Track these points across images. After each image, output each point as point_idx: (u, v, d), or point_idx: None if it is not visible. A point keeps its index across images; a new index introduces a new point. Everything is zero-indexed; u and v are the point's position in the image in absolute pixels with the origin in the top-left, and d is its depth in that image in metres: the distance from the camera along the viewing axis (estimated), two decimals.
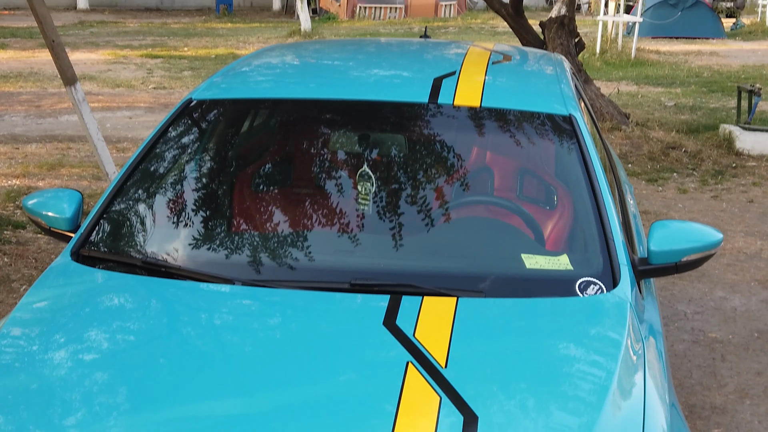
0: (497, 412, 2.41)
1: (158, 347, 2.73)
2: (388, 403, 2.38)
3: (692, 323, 5.62)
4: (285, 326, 2.84)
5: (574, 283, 2.94)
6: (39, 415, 2.43)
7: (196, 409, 2.41)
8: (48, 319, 2.92)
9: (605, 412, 2.42)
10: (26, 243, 6.45)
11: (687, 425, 2.81)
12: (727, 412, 4.58)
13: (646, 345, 2.83)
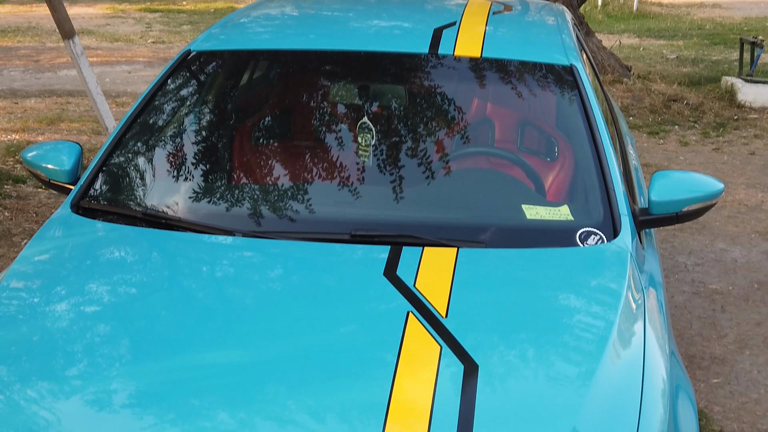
0: (497, 361, 2.42)
1: (160, 299, 2.74)
2: (389, 352, 2.39)
3: (692, 275, 5.63)
4: (286, 277, 2.84)
5: (575, 234, 2.94)
6: (41, 366, 2.44)
7: (197, 359, 2.42)
8: (49, 271, 2.92)
9: (605, 361, 2.42)
10: (27, 197, 6.45)
11: (687, 374, 2.82)
12: (726, 362, 4.60)
13: (647, 295, 2.83)
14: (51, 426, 2.25)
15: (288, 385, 2.32)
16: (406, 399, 2.26)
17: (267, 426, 2.22)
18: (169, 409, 2.26)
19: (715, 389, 4.36)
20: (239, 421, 2.23)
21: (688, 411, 2.58)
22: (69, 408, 2.29)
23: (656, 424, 2.30)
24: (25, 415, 2.27)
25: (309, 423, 2.23)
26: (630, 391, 2.36)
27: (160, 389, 2.33)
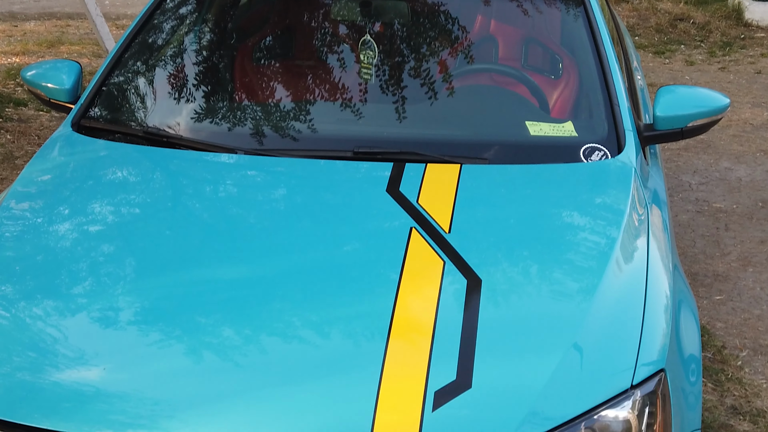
0: (500, 276, 2.42)
1: (163, 217, 2.74)
2: (392, 269, 2.39)
3: (697, 194, 5.62)
4: (289, 195, 2.83)
5: (579, 149, 2.92)
6: (46, 285, 2.44)
7: (202, 276, 2.43)
8: (51, 190, 2.91)
9: (607, 276, 2.42)
10: (28, 120, 6.42)
11: (690, 290, 2.83)
12: (729, 280, 4.61)
13: (650, 211, 2.82)
14: (57, 342, 2.26)
15: (292, 301, 2.33)
16: (409, 315, 2.27)
17: (271, 342, 2.22)
18: (175, 326, 2.27)
19: (717, 306, 4.38)
20: (244, 338, 2.24)
21: (691, 326, 2.59)
22: (75, 325, 2.30)
23: (659, 338, 2.30)
24: (32, 332, 2.28)
25: (313, 339, 2.24)
26: (632, 306, 2.36)
27: (165, 307, 2.34)
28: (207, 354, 2.19)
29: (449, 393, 2.05)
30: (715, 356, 3.98)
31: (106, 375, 2.15)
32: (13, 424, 2.05)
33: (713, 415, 3.56)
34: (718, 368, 3.90)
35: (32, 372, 2.17)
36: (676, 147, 6.25)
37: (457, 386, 2.06)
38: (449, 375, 2.08)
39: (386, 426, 1.99)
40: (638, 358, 2.21)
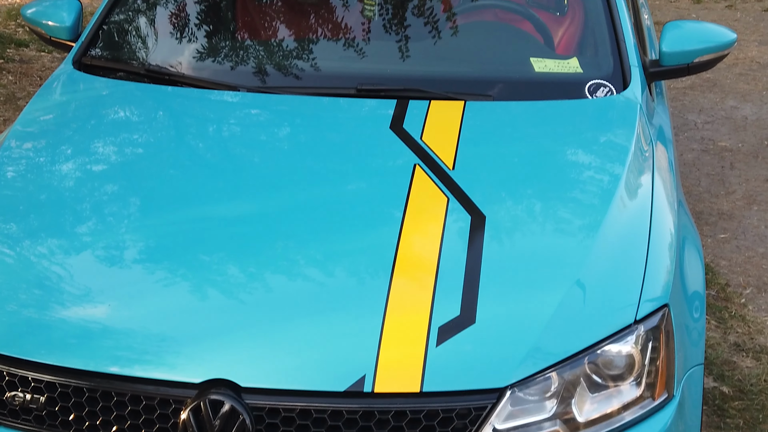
0: (504, 213, 2.42)
1: (166, 156, 2.73)
2: (396, 206, 2.38)
3: (702, 132, 5.60)
4: (292, 132, 2.82)
5: (584, 86, 2.90)
6: (50, 224, 2.44)
7: (206, 215, 2.42)
8: (53, 130, 2.90)
9: (611, 213, 2.42)
10: (30, 61, 6.38)
11: (695, 227, 2.82)
12: (734, 218, 4.61)
13: (655, 148, 2.80)
14: (62, 280, 2.27)
15: (296, 239, 2.33)
16: (412, 251, 2.27)
17: (276, 279, 2.23)
18: (180, 264, 2.27)
19: (721, 244, 4.39)
20: (249, 275, 2.25)
21: (695, 263, 2.59)
22: (80, 263, 2.30)
23: (662, 275, 2.30)
24: (37, 270, 2.29)
25: (317, 276, 2.24)
26: (636, 243, 2.36)
27: (169, 244, 2.34)
28: (212, 291, 2.20)
29: (453, 328, 2.06)
30: (719, 294, 3.99)
31: (112, 312, 2.16)
32: (19, 360, 2.06)
33: (716, 351, 3.58)
34: (721, 306, 3.91)
35: (38, 309, 2.18)
36: (681, 86, 6.21)
37: (460, 322, 2.07)
38: (453, 311, 2.09)
39: (390, 361, 2.00)
40: (642, 294, 2.21)
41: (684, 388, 2.22)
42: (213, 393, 1.97)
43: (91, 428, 2.02)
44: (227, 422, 1.95)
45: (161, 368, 2.01)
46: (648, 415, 2.12)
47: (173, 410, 1.99)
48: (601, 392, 2.10)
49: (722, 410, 3.27)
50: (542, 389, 2.05)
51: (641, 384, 2.12)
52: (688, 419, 2.25)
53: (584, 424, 2.06)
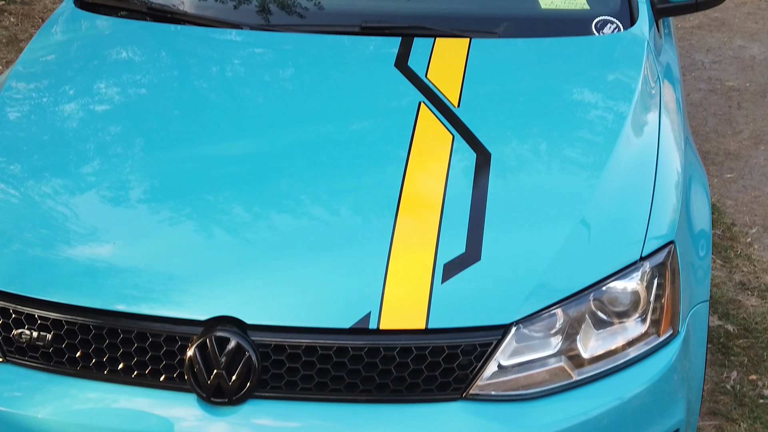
0: (510, 151, 2.41)
1: (170, 96, 2.71)
2: (401, 143, 2.37)
3: (709, 72, 5.55)
4: (296, 71, 2.80)
5: (590, 22, 2.86)
6: (54, 164, 2.44)
7: (211, 155, 2.41)
8: (54, 70, 2.88)
9: (617, 150, 2.40)
10: (32, 2, 6.33)
11: (702, 165, 2.81)
12: (741, 158, 4.59)
13: (662, 85, 2.78)
14: (68, 220, 2.27)
15: (300, 179, 2.32)
16: (418, 188, 2.26)
17: (281, 218, 2.23)
18: (185, 204, 2.27)
19: (728, 184, 4.37)
20: (254, 215, 2.25)
21: (702, 201, 2.58)
22: (85, 202, 2.30)
23: (669, 212, 2.30)
24: (42, 209, 2.29)
25: (323, 215, 2.24)
26: (643, 181, 2.34)
27: (174, 184, 2.34)
28: (217, 231, 2.20)
29: (458, 265, 2.05)
30: (725, 233, 3.99)
31: (118, 250, 2.16)
32: (26, 298, 2.07)
33: (721, 290, 3.58)
34: (727, 245, 3.91)
35: (44, 248, 2.18)
36: (689, 25, 6.15)
37: (466, 258, 2.07)
38: (458, 248, 2.08)
39: (395, 298, 2.00)
40: (648, 231, 2.20)
41: (689, 324, 2.23)
42: (219, 330, 1.97)
43: (98, 365, 2.04)
44: (233, 359, 1.96)
45: (167, 306, 2.02)
46: (653, 351, 2.13)
47: (179, 347, 2.00)
48: (606, 329, 2.10)
49: (727, 348, 3.28)
50: (547, 326, 2.06)
51: (646, 320, 2.13)
52: (692, 355, 2.25)
53: (589, 361, 2.07)
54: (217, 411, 1.98)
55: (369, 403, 1.99)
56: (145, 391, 2.01)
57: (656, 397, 2.12)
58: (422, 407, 1.98)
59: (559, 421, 2.01)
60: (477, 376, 2.00)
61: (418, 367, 1.98)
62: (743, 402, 3.02)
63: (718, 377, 3.14)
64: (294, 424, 1.99)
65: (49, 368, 2.06)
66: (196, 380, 1.98)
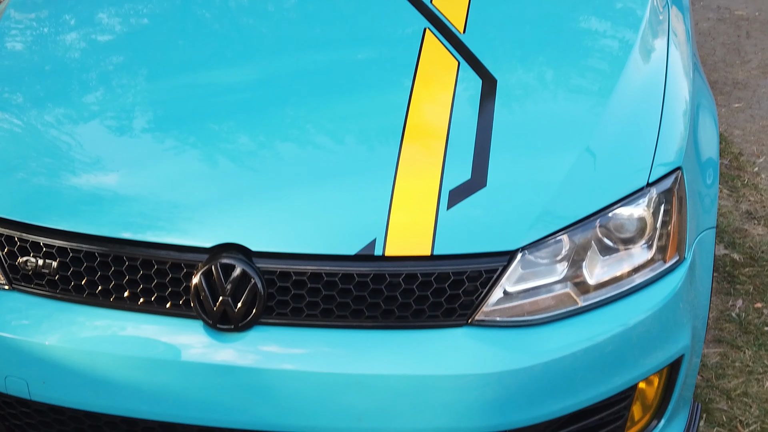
0: (516, 77, 2.38)
1: (173, 25, 2.69)
2: (406, 69, 2.35)
3: (718, 1, 5.48)
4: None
5: None
6: (56, 94, 2.42)
7: (215, 85, 2.40)
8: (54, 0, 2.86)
9: (624, 77, 2.38)
10: None
11: (711, 93, 2.78)
12: (749, 87, 4.55)
13: (671, 13, 2.74)
14: (72, 149, 2.26)
15: (305, 108, 2.31)
16: (423, 114, 2.24)
17: (286, 148, 2.22)
18: (189, 133, 2.26)
19: (735, 113, 4.34)
20: (259, 144, 2.24)
21: (710, 128, 2.56)
22: (89, 132, 2.29)
23: (676, 139, 2.28)
24: (45, 139, 2.28)
25: (327, 143, 2.23)
26: (650, 108, 2.32)
27: (178, 113, 2.32)
28: (222, 159, 2.19)
29: (464, 191, 2.05)
30: (732, 163, 3.97)
31: (123, 179, 2.16)
32: (31, 226, 2.07)
33: (728, 220, 3.58)
34: (734, 174, 3.89)
35: (48, 176, 2.18)
36: None
37: (471, 185, 2.06)
38: (464, 174, 2.07)
39: (401, 224, 2.00)
40: (655, 158, 2.19)
41: (695, 251, 2.22)
42: (224, 257, 1.97)
43: (104, 293, 2.04)
44: (239, 286, 1.97)
45: (172, 233, 2.02)
46: (659, 277, 2.12)
47: (185, 274, 2.01)
48: (612, 255, 2.10)
49: (732, 277, 3.29)
50: (553, 252, 2.05)
51: (652, 247, 2.12)
52: (698, 282, 2.25)
53: (594, 287, 2.07)
54: (223, 337, 1.99)
55: (374, 329, 2.00)
56: (152, 318, 2.03)
57: (662, 323, 2.12)
58: (428, 333, 1.99)
59: (564, 347, 2.01)
60: (482, 302, 2.00)
61: (423, 294, 1.98)
62: (748, 330, 3.03)
63: (724, 305, 3.15)
64: (300, 350, 2.00)
65: (56, 296, 2.07)
66: (202, 307, 1.99)
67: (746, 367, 2.85)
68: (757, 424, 2.63)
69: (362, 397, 1.98)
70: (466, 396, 1.98)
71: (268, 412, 2.00)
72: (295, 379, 1.97)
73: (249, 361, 1.98)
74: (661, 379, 2.23)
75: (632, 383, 2.13)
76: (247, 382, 1.98)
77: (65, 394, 2.07)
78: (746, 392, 2.74)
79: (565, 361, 2.01)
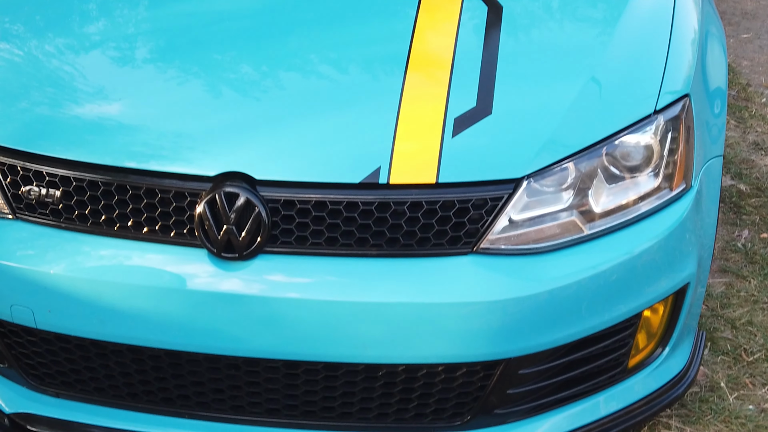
0: (522, 5, 2.36)
1: None
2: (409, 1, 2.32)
3: None
4: None
5: None
6: (57, 24, 2.40)
7: (218, 14, 2.37)
8: None
9: (632, 3, 2.35)
10: None
11: (720, 20, 2.75)
12: (757, 18, 4.50)
13: None
14: (75, 79, 2.24)
15: (308, 38, 2.29)
16: (427, 44, 2.22)
17: (290, 77, 2.20)
18: (192, 63, 2.24)
19: (744, 44, 4.29)
20: (262, 73, 2.22)
21: (718, 58, 2.54)
22: (90, 62, 2.28)
23: (684, 67, 2.26)
24: (47, 68, 2.26)
25: (331, 73, 2.22)
26: (658, 36, 2.30)
27: (181, 43, 2.30)
28: (226, 89, 2.18)
29: (469, 119, 2.03)
30: (740, 94, 3.94)
31: (126, 109, 2.14)
32: (34, 155, 2.06)
33: (735, 150, 3.56)
34: (741, 105, 3.86)
35: (51, 107, 2.17)
36: None
37: (477, 112, 2.04)
38: (469, 102, 2.06)
39: (405, 153, 1.99)
40: (662, 85, 2.17)
41: (702, 179, 2.22)
42: (228, 186, 1.97)
43: (108, 222, 2.04)
44: (243, 214, 1.96)
45: (176, 162, 2.01)
46: (665, 205, 2.12)
47: (189, 203, 2.00)
48: (618, 183, 2.09)
49: (739, 207, 3.28)
50: (558, 180, 2.04)
51: (659, 175, 2.11)
52: (704, 211, 2.25)
53: (600, 215, 2.06)
54: (228, 266, 1.99)
55: (379, 257, 1.99)
56: (157, 247, 2.02)
57: (667, 251, 2.12)
58: (433, 261, 1.99)
59: (569, 275, 2.01)
60: (487, 230, 1.99)
61: (428, 222, 1.97)
62: (754, 260, 3.02)
63: (730, 236, 3.14)
64: (304, 279, 2.00)
65: (61, 225, 2.07)
66: (207, 236, 1.98)
67: (751, 296, 2.86)
68: (762, 353, 2.64)
69: (367, 325, 1.98)
70: (470, 323, 1.98)
71: (272, 340, 2.01)
72: (300, 307, 1.98)
73: (254, 290, 1.99)
74: (666, 307, 2.24)
75: (637, 311, 2.14)
76: (251, 310, 1.99)
77: (71, 323, 2.07)
78: (751, 321, 2.75)
79: (570, 288, 2.01)
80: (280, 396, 2.12)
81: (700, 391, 2.50)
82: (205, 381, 2.11)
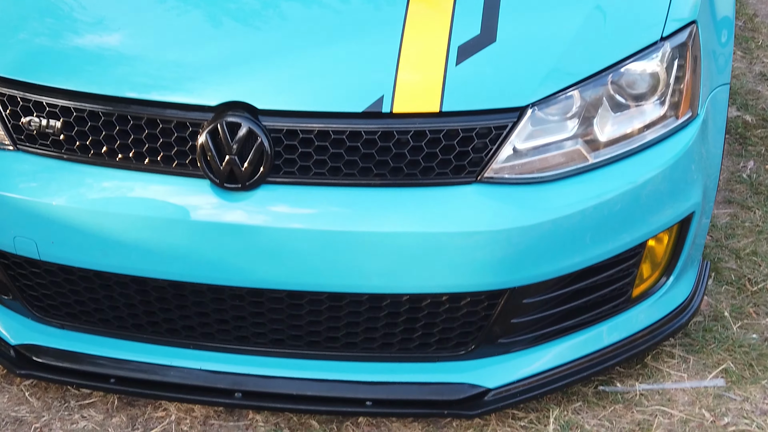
0: None
1: None
2: None
3: None
4: None
5: None
6: None
7: None
8: None
9: None
10: None
11: None
12: None
13: None
14: (74, 10, 2.23)
15: None
16: None
17: (292, 6, 2.18)
18: None
19: None
20: (263, 3, 2.20)
21: None
22: None
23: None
24: None
25: (334, 3, 2.20)
26: None
27: None
28: (227, 20, 2.16)
29: (473, 47, 2.00)
30: (746, 24, 3.89)
31: (126, 39, 2.12)
32: (34, 86, 2.04)
33: (741, 81, 3.52)
34: (748, 36, 3.82)
35: (50, 37, 2.15)
36: None
37: (481, 40, 2.02)
38: (473, 29, 2.03)
39: (409, 81, 1.97)
40: (669, 12, 2.14)
41: (708, 108, 2.19)
42: (230, 115, 1.95)
43: (110, 152, 2.03)
44: (245, 144, 1.95)
45: (177, 92, 1.99)
46: (671, 133, 2.10)
47: (191, 133, 1.99)
48: (624, 112, 2.07)
49: (744, 138, 3.25)
50: (563, 109, 2.02)
51: (665, 103, 2.09)
52: (710, 140, 2.23)
53: (605, 143, 2.05)
54: (230, 196, 1.98)
55: (383, 187, 1.98)
56: (160, 177, 2.01)
57: (673, 180, 2.11)
58: (437, 190, 1.98)
59: (573, 203, 2.00)
60: (492, 159, 1.98)
61: (432, 151, 1.96)
62: (759, 190, 3.01)
63: (735, 167, 3.12)
64: (308, 209, 1.99)
65: (62, 156, 2.05)
66: (209, 166, 1.97)
67: (756, 227, 2.85)
68: (766, 282, 2.63)
69: (370, 255, 1.98)
70: (474, 253, 1.98)
71: (276, 270, 2.01)
72: (303, 237, 1.97)
73: (257, 220, 1.98)
74: (670, 237, 2.23)
75: (642, 240, 2.13)
76: (255, 241, 1.98)
77: (74, 254, 2.07)
78: (755, 251, 2.74)
79: (574, 218, 2.01)
80: (284, 326, 2.12)
81: (704, 321, 2.50)
82: (209, 312, 2.11)
